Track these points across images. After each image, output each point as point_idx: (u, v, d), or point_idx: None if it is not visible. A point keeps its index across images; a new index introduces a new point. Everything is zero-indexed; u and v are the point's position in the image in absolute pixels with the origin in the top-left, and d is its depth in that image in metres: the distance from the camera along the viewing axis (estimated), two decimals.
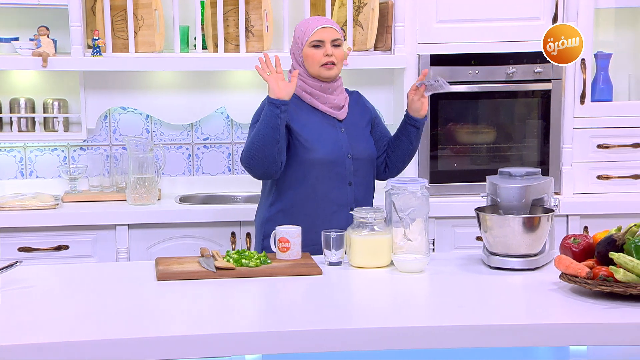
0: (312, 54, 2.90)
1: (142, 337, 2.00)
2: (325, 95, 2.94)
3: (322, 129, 2.92)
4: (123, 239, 3.54)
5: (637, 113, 3.76)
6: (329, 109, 2.95)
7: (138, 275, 2.54)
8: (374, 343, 2.04)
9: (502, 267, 2.55)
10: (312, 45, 2.90)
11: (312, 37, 2.89)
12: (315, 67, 2.90)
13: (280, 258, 2.66)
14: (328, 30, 2.90)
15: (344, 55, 2.93)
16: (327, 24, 2.92)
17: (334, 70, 2.90)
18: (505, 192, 2.60)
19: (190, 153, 4.04)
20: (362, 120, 3.01)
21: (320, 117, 2.94)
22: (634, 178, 3.78)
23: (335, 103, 2.95)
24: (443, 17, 3.69)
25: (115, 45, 3.72)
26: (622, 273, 2.16)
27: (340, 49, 2.92)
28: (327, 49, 2.89)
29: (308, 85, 2.94)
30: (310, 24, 2.92)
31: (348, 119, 2.98)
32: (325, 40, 2.89)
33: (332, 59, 2.89)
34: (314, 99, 2.94)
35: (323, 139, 2.91)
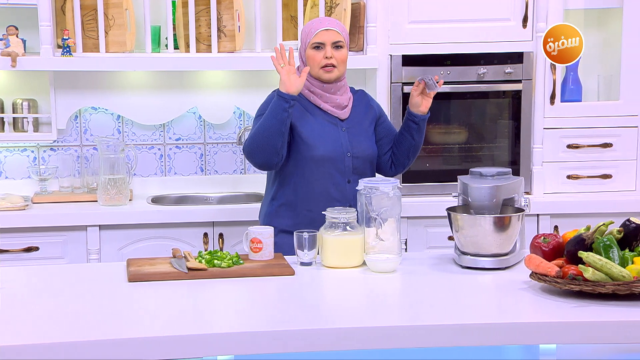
0: (313, 56, 2.93)
1: (114, 338, 1.98)
2: (327, 94, 2.97)
3: (323, 127, 2.95)
4: (94, 240, 3.52)
5: (606, 113, 3.81)
6: (331, 108, 2.98)
7: (109, 277, 2.53)
8: (346, 343, 2.04)
9: (473, 267, 2.57)
10: (313, 47, 2.93)
11: (313, 38, 2.92)
12: (315, 68, 2.93)
13: (253, 259, 2.66)
14: (329, 33, 2.92)
15: (345, 56, 2.95)
16: (329, 26, 2.94)
17: (334, 73, 2.93)
18: (476, 192, 2.62)
19: (162, 153, 4.03)
20: (365, 120, 3.04)
21: (322, 116, 2.98)
22: (603, 178, 3.82)
23: (338, 102, 2.98)
24: (415, 17, 3.71)
25: (86, 45, 3.69)
26: (591, 272, 2.18)
27: (342, 50, 2.93)
28: (327, 51, 2.91)
29: (311, 84, 2.97)
30: (313, 26, 2.95)
31: (351, 119, 3.01)
32: (326, 42, 2.91)
33: (332, 62, 2.91)
34: (317, 98, 2.97)
35: (323, 137, 2.94)
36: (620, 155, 3.82)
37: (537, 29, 3.72)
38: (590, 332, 2.07)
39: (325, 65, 2.91)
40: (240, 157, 4.07)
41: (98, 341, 1.97)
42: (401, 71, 3.72)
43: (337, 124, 2.99)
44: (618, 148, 3.82)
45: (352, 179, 2.95)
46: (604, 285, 2.16)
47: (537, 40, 3.73)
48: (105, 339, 1.98)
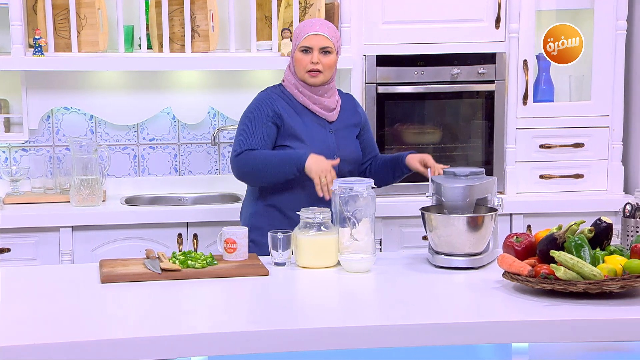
0: (300, 59, 2.94)
1: (87, 340, 1.97)
2: (315, 96, 2.97)
3: (312, 128, 2.96)
4: (67, 241, 3.49)
5: (578, 114, 3.84)
6: (319, 110, 2.98)
7: (82, 278, 2.51)
8: (321, 343, 2.04)
9: (447, 266, 2.58)
10: (301, 50, 2.93)
11: (302, 42, 2.93)
12: (301, 72, 2.94)
13: (227, 259, 2.65)
14: (318, 38, 2.92)
15: (333, 62, 2.95)
16: (318, 30, 2.93)
17: (318, 78, 2.93)
18: (450, 191, 2.63)
19: (136, 154, 4.00)
20: (351, 123, 3.06)
21: (311, 117, 2.98)
22: (575, 177, 3.86)
23: (326, 105, 2.99)
24: (389, 18, 3.72)
25: (58, 44, 3.66)
26: (563, 271, 2.20)
27: (330, 56, 2.94)
28: (314, 56, 2.91)
29: (300, 85, 2.98)
30: (303, 28, 2.96)
31: (338, 121, 3.02)
32: (314, 47, 2.91)
33: (318, 67, 2.91)
34: (306, 99, 2.98)
35: (311, 138, 2.94)
36: (591, 155, 3.86)
37: (509, 29, 3.75)
38: (562, 330, 2.09)
39: (311, 69, 2.92)
40: (215, 158, 4.05)
41: (71, 343, 1.95)
42: (375, 71, 3.73)
43: (325, 126, 2.99)
44: (590, 148, 3.85)
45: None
46: (576, 284, 2.18)
47: (510, 41, 3.76)
48: (78, 341, 1.96)
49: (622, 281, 2.19)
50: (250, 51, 3.76)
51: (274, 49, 3.75)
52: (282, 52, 3.71)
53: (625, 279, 2.20)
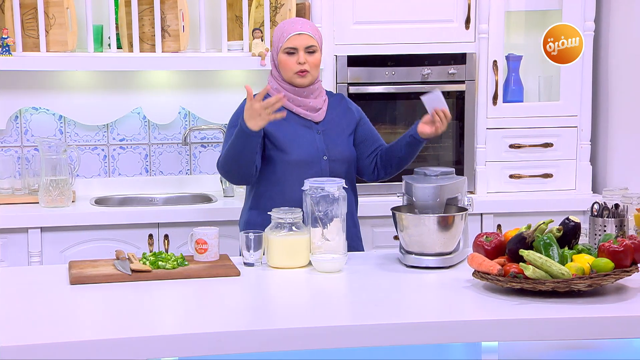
0: (285, 61, 2.89)
1: (56, 342, 1.95)
2: (299, 98, 2.93)
3: (297, 131, 2.92)
4: (35, 242, 3.46)
5: (547, 114, 3.88)
6: (304, 112, 2.94)
7: (51, 280, 2.49)
8: (292, 343, 2.04)
9: (417, 266, 2.59)
10: (286, 52, 2.89)
11: (285, 43, 2.88)
12: (288, 74, 2.90)
13: (198, 260, 2.64)
14: (302, 37, 2.88)
15: (319, 60, 2.91)
16: (301, 30, 2.89)
17: (307, 78, 2.90)
18: (420, 191, 2.64)
19: (106, 154, 3.97)
20: (342, 122, 3.00)
21: (296, 120, 2.94)
22: (544, 177, 3.89)
23: (311, 105, 2.94)
24: (360, 18, 3.73)
25: (26, 44, 3.63)
26: (532, 270, 2.22)
27: (315, 55, 2.90)
28: (300, 56, 2.87)
29: (283, 89, 2.93)
30: (285, 29, 2.91)
31: (327, 121, 2.97)
32: (299, 47, 2.87)
33: (305, 67, 2.87)
34: (289, 102, 2.92)
35: (297, 140, 2.90)
36: (560, 154, 3.90)
37: (479, 30, 3.78)
38: (531, 329, 2.11)
39: (299, 71, 2.88)
40: (186, 158, 4.04)
41: (40, 345, 1.93)
42: (346, 72, 3.74)
43: (312, 127, 2.95)
44: (558, 148, 3.89)
45: None
46: (544, 283, 2.20)
47: (480, 42, 3.79)
48: (48, 343, 1.95)
49: (589, 280, 2.21)
50: (221, 51, 3.75)
51: (245, 49, 3.75)
52: (253, 52, 3.70)
53: (593, 277, 2.22)
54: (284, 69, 2.91)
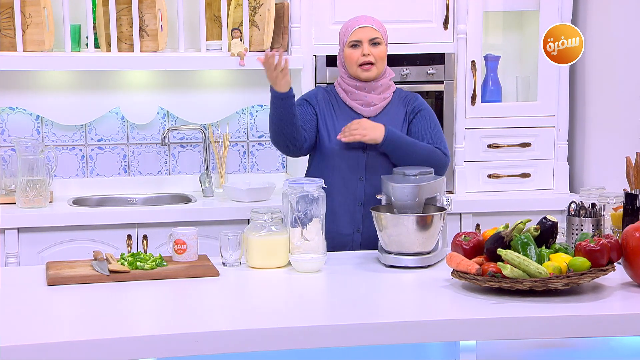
0: (350, 54, 2.91)
1: (32, 343, 1.94)
2: (356, 92, 2.94)
3: (343, 122, 2.93)
4: (12, 243, 3.43)
5: (524, 114, 3.90)
6: (357, 105, 2.95)
7: (27, 281, 2.47)
8: (270, 343, 2.04)
9: (396, 265, 2.60)
10: (351, 46, 2.91)
11: (350, 37, 2.91)
12: (353, 67, 2.91)
13: (177, 260, 2.63)
14: (366, 30, 2.91)
15: (384, 53, 2.93)
16: (365, 23, 2.92)
17: (372, 71, 2.91)
18: (399, 191, 2.65)
19: (84, 154, 3.95)
20: (397, 120, 2.97)
21: (347, 112, 2.96)
22: (522, 177, 3.92)
23: (366, 100, 2.95)
24: (339, 18, 3.72)
25: (2, 44, 3.60)
26: (510, 269, 2.23)
27: (380, 47, 2.91)
28: (364, 48, 2.89)
29: (345, 83, 2.96)
30: (349, 24, 2.94)
31: (380, 117, 2.96)
32: (363, 39, 2.90)
33: (370, 59, 2.89)
34: (346, 95, 2.96)
35: (339, 131, 2.92)
36: (538, 154, 3.92)
37: (457, 30, 3.80)
38: (509, 328, 2.11)
39: (363, 63, 2.89)
40: (165, 158, 4.02)
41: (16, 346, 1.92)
42: (326, 71, 3.74)
43: None
44: (536, 148, 3.92)
45: (365, 177, 2.92)
46: (522, 282, 2.22)
47: (458, 42, 3.81)
48: (24, 344, 1.93)
49: (566, 279, 2.23)
50: (199, 51, 3.74)
51: (224, 49, 3.74)
52: (232, 52, 3.70)
53: (570, 276, 2.24)
54: (349, 63, 2.92)
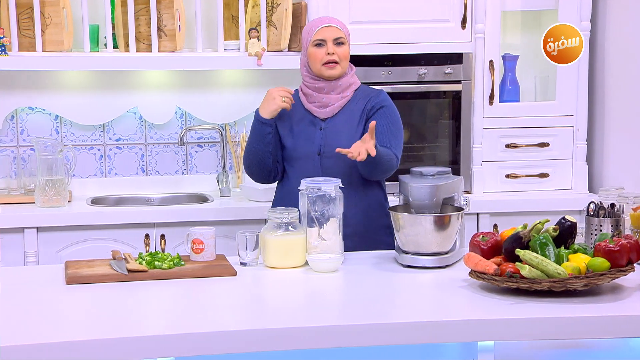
0: (314, 53, 2.92)
1: (52, 342, 1.95)
2: (315, 94, 2.95)
3: (300, 126, 2.95)
4: (31, 242, 3.45)
5: (543, 113, 3.88)
6: (314, 108, 2.96)
7: (47, 279, 2.48)
8: (287, 343, 2.04)
9: (413, 265, 2.59)
10: (315, 45, 2.92)
11: (314, 36, 2.92)
12: (317, 65, 2.92)
13: (195, 260, 2.64)
14: (330, 29, 2.92)
15: (347, 52, 2.94)
16: (329, 22, 2.94)
17: (336, 69, 2.91)
18: (417, 191, 2.64)
19: (102, 154, 3.97)
20: (354, 119, 2.94)
21: (304, 115, 2.97)
22: (541, 177, 3.90)
23: (324, 102, 2.95)
24: (356, 18, 3.73)
25: (22, 44, 3.62)
26: (528, 269, 2.22)
27: (343, 47, 2.93)
28: (329, 47, 2.90)
29: (306, 87, 2.97)
30: (313, 24, 2.96)
31: (336, 117, 2.95)
32: (327, 39, 2.91)
33: (334, 58, 2.90)
34: (305, 99, 2.98)
35: (295, 135, 2.94)
36: (556, 154, 3.90)
37: (475, 30, 3.78)
38: (527, 328, 2.11)
39: (327, 62, 2.90)
40: (182, 158, 4.03)
41: (36, 345, 1.93)
42: None
43: (316, 123, 2.95)
44: (555, 147, 3.90)
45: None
46: (540, 283, 2.20)
47: (476, 42, 3.79)
48: (43, 343, 1.94)
49: (585, 279, 2.21)
50: (217, 51, 3.74)
51: (242, 49, 3.74)
52: (249, 52, 3.70)
53: (589, 277, 2.22)
54: (313, 61, 2.92)
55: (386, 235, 2.95)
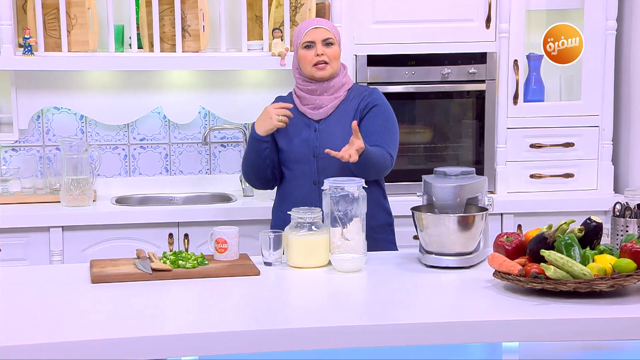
0: (304, 55, 2.93)
1: (77, 340, 1.96)
2: (308, 96, 2.96)
3: (295, 128, 2.96)
4: (57, 241, 3.48)
5: (568, 113, 3.85)
6: (308, 110, 2.97)
7: (72, 278, 2.50)
8: (311, 342, 2.04)
9: (437, 266, 2.58)
10: (304, 47, 2.93)
11: (303, 38, 2.93)
12: (307, 67, 2.93)
13: (218, 259, 2.65)
14: (319, 31, 2.93)
15: (338, 53, 2.94)
16: (317, 24, 2.95)
17: (327, 70, 2.92)
18: (440, 191, 2.63)
19: (127, 154, 3.99)
20: (348, 119, 2.94)
21: (299, 117, 2.98)
22: (565, 177, 3.87)
23: (317, 103, 2.96)
24: (379, 17, 3.72)
25: (48, 44, 3.65)
26: (553, 270, 2.20)
27: (333, 47, 2.93)
28: (318, 48, 2.91)
29: (299, 89, 2.98)
30: (302, 26, 2.97)
31: (329, 119, 2.96)
32: (316, 40, 2.92)
33: (323, 58, 2.91)
34: (299, 101, 2.99)
35: (290, 138, 2.95)
36: (581, 154, 3.87)
37: (500, 29, 3.76)
38: (552, 329, 2.09)
39: (317, 62, 2.90)
40: (206, 157, 4.05)
41: (61, 343, 1.95)
42: (366, 71, 3.73)
43: (311, 125, 2.97)
44: (580, 147, 3.87)
45: (318, 180, 2.94)
46: (566, 283, 2.19)
47: (500, 41, 3.77)
48: (68, 341, 1.96)
49: (611, 280, 2.19)
50: (241, 51, 3.75)
51: (265, 49, 3.75)
52: (273, 52, 3.71)
53: (615, 278, 2.20)
54: (303, 63, 2.93)
55: (386, 233, 3.02)
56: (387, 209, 3.06)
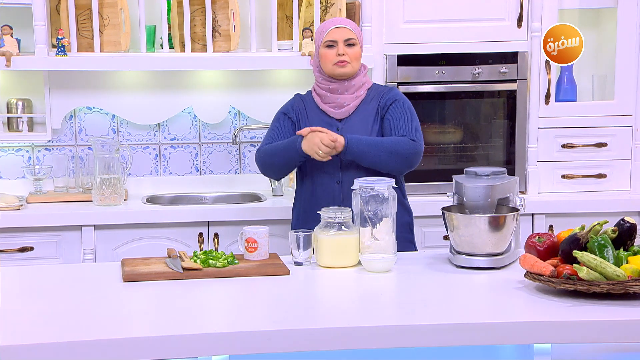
0: (325, 54, 2.96)
1: (108, 338, 1.98)
2: (329, 95, 2.99)
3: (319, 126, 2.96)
4: (89, 240, 3.51)
5: (600, 113, 3.81)
6: (328, 108, 3.00)
7: (104, 277, 2.52)
8: (341, 342, 2.04)
9: (468, 266, 2.57)
10: (326, 46, 2.96)
11: (325, 37, 2.96)
12: (328, 65, 2.96)
13: (248, 258, 2.66)
14: (341, 30, 2.96)
15: (359, 54, 2.97)
16: (340, 24, 2.98)
17: (347, 67, 2.95)
18: (471, 191, 2.62)
19: (157, 153, 4.02)
20: (370, 118, 2.99)
21: (320, 116, 3.01)
22: (598, 177, 3.83)
23: (339, 102, 2.99)
24: (410, 17, 3.71)
25: (81, 44, 3.69)
26: (586, 271, 2.18)
27: (354, 47, 2.96)
28: (340, 48, 2.94)
29: (319, 88, 3.01)
30: (325, 25, 3.00)
31: (351, 118, 2.99)
32: (338, 40, 2.95)
33: (345, 58, 2.94)
34: (320, 100, 3.01)
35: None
36: (614, 154, 3.83)
37: (531, 28, 3.73)
38: (585, 331, 2.07)
39: (339, 61, 2.93)
40: (236, 157, 4.06)
41: (93, 341, 1.97)
42: (396, 71, 3.72)
43: (332, 124, 2.99)
44: (613, 148, 3.82)
45: (341, 180, 2.95)
46: (599, 285, 2.17)
47: (532, 40, 3.74)
48: (100, 339, 1.98)
49: None
50: (271, 51, 3.76)
51: (295, 49, 3.76)
52: (303, 52, 3.71)
53: None
54: (325, 62, 2.96)
55: (407, 232, 3.04)
56: (407, 208, 3.07)
